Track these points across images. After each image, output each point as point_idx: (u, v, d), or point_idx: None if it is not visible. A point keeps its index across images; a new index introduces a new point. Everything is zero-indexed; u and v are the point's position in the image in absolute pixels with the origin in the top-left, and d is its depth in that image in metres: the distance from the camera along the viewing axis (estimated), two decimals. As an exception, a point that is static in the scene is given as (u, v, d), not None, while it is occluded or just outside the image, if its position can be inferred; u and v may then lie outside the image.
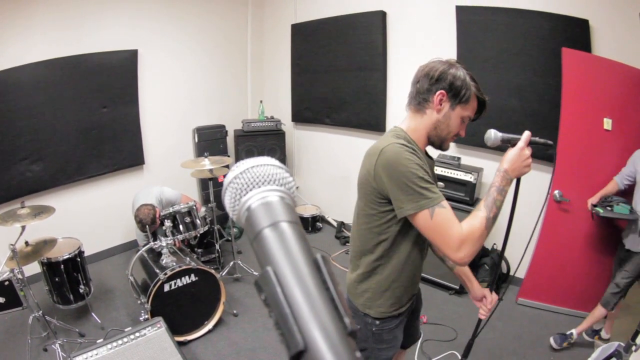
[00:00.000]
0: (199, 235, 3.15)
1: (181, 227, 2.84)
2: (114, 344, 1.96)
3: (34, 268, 2.60)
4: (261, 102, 4.44)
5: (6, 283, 2.15)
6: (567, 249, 2.77)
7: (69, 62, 3.15)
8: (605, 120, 2.54)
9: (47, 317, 2.32)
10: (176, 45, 3.91)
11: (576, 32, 2.58)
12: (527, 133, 1.15)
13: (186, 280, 2.48)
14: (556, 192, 2.70)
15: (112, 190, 3.67)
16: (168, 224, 2.68)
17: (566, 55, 2.55)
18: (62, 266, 2.51)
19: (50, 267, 2.51)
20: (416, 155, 1.10)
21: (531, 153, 1.15)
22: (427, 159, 1.24)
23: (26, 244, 2.35)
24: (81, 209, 3.46)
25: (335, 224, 4.39)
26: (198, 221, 2.93)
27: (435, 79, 1.14)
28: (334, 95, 4.03)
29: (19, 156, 3.01)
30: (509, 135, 1.19)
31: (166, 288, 2.40)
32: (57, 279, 2.53)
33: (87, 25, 3.24)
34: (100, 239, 3.64)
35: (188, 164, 2.98)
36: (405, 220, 1.14)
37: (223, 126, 4.30)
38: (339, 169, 4.26)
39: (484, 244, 3.50)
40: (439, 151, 1.30)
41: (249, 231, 0.39)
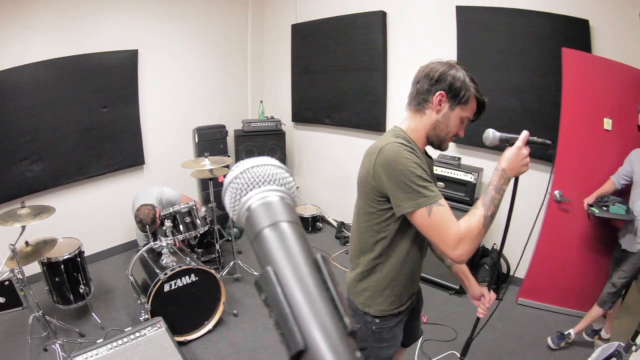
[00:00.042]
0: (199, 235, 3.15)
1: (181, 227, 2.84)
2: (114, 344, 1.96)
3: (34, 268, 2.60)
4: (261, 102, 4.44)
5: (6, 283, 2.15)
6: (567, 249, 2.77)
7: (69, 62, 3.15)
8: (605, 120, 2.54)
9: (47, 317, 2.32)
10: (176, 45, 3.91)
11: (576, 32, 2.58)
12: (525, 132, 1.16)
13: (186, 280, 2.49)
14: (556, 192, 2.69)
15: (112, 190, 3.67)
16: (168, 224, 2.68)
17: (566, 55, 2.55)
18: (62, 266, 2.51)
19: (51, 267, 2.51)
20: (415, 154, 1.11)
21: (529, 152, 1.15)
22: (426, 159, 1.24)
23: (26, 244, 2.35)
24: (81, 209, 3.46)
25: (335, 224, 4.39)
26: (198, 221, 2.93)
27: (435, 80, 1.15)
28: (334, 95, 4.03)
29: (19, 156, 3.01)
30: (507, 135, 1.20)
31: (166, 288, 2.40)
32: (57, 279, 2.53)
33: (87, 25, 3.24)
34: (100, 239, 3.64)
35: (188, 164, 2.98)
36: (404, 219, 1.14)
37: (223, 126, 4.30)
38: (339, 169, 4.26)
39: (485, 244, 3.50)
40: (439, 151, 1.30)
41: (249, 231, 0.39)
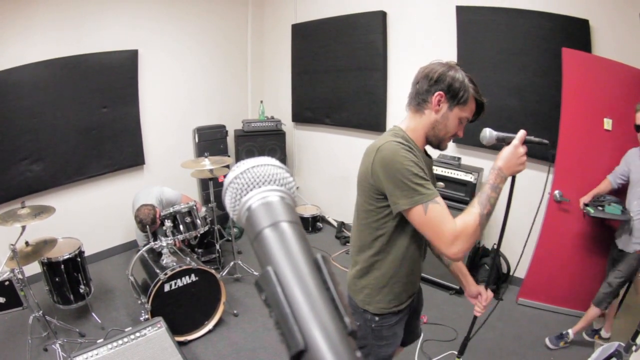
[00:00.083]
0: (199, 235, 3.15)
1: (181, 227, 2.84)
2: (114, 344, 1.96)
3: (34, 268, 2.60)
4: (261, 102, 4.44)
5: (6, 283, 2.15)
6: (567, 249, 2.77)
7: (69, 62, 3.15)
8: (605, 120, 2.54)
9: (47, 317, 2.32)
10: (176, 45, 3.91)
11: (576, 32, 2.58)
12: (522, 132, 1.17)
13: (186, 280, 2.49)
14: (556, 192, 2.69)
15: (112, 190, 3.67)
16: (168, 224, 2.68)
17: (566, 55, 2.55)
18: (62, 266, 2.51)
19: (51, 267, 2.51)
20: (412, 153, 1.12)
21: (526, 151, 1.16)
22: (425, 158, 1.26)
23: (26, 244, 2.35)
24: (81, 209, 3.46)
25: (335, 224, 4.39)
26: (198, 221, 2.93)
27: (434, 81, 1.16)
28: (334, 95, 4.03)
29: (19, 156, 3.01)
30: (503, 134, 1.21)
31: (166, 288, 2.41)
32: (57, 279, 2.53)
33: (87, 25, 3.24)
34: (101, 239, 3.64)
35: (188, 164, 2.98)
36: (402, 216, 1.16)
37: (223, 126, 4.30)
38: (339, 169, 4.26)
39: (485, 244, 3.50)
40: (438, 151, 1.31)
41: (250, 231, 0.39)
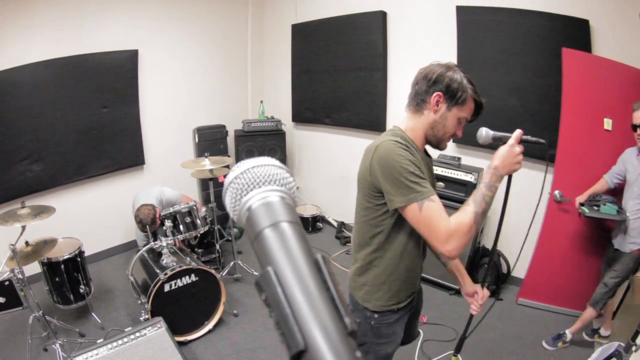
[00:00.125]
0: (199, 235, 3.15)
1: (181, 227, 2.84)
2: (114, 344, 1.96)
3: (34, 268, 2.60)
4: (261, 102, 4.44)
5: (6, 283, 2.15)
6: (567, 249, 2.77)
7: (69, 62, 3.15)
8: (605, 120, 2.54)
9: (47, 317, 2.32)
10: (176, 45, 3.91)
11: (576, 32, 2.58)
12: (518, 131, 1.18)
13: (186, 280, 2.49)
14: (556, 192, 2.69)
15: (112, 190, 3.67)
16: (168, 224, 2.68)
17: (566, 55, 2.55)
18: (62, 266, 2.51)
19: (51, 267, 2.51)
20: (409, 152, 1.14)
21: (522, 151, 1.17)
22: (425, 158, 1.28)
23: (26, 244, 2.35)
24: (81, 209, 3.46)
25: (335, 224, 4.39)
26: (198, 221, 2.93)
27: (433, 82, 1.18)
28: (334, 95, 4.03)
29: (19, 156, 3.01)
30: (499, 134, 1.23)
31: (166, 288, 2.41)
32: (57, 279, 2.53)
33: (87, 25, 3.24)
34: (101, 239, 3.64)
35: (188, 164, 2.98)
36: (400, 214, 1.18)
37: (223, 126, 4.30)
38: (339, 169, 4.26)
39: (485, 244, 3.49)
40: (438, 151, 1.33)
41: (250, 231, 0.39)
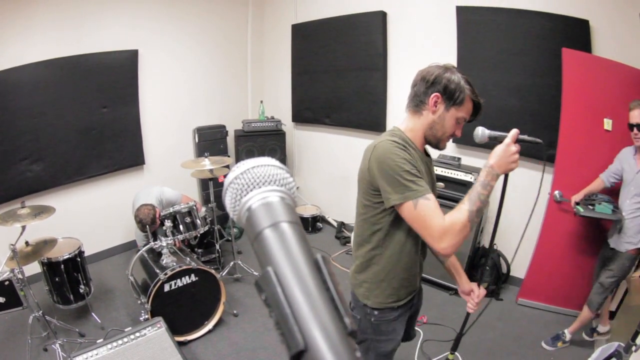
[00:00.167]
0: (199, 235, 3.15)
1: (181, 227, 2.84)
2: (114, 344, 1.96)
3: (34, 268, 2.60)
4: (261, 102, 4.44)
5: (6, 283, 2.15)
6: (567, 250, 2.77)
7: (69, 62, 3.15)
8: (605, 120, 2.53)
9: (47, 317, 2.32)
10: (176, 45, 3.91)
11: (576, 32, 2.58)
12: (514, 130, 1.18)
13: (186, 280, 2.49)
14: (556, 192, 2.69)
15: (112, 190, 3.67)
16: (168, 224, 2.68)
17: (566, 55, 2.55)
18: (62, 266, 2.51)
19: (51, 267, 2.51)
20: (406, 152, 1.17)
21: (518, 150, 1.17)
22: (424, 157, 1.30)
23: (26, 244, 2.35)
24: (81, 209, 3.46)
25: (335, 224, 4.39)
26: (198, 221, 2.93)
27: (431, 83, 1.21)
28: (334, 96, 4.02)
29: (19, 156, 3.01)
30: (496, 133, 1.24)
31: (166, 288, 2.41)
32: (57, 279, 2.53)
33: (87, 25, 3.24)
34: (100, 239, 3.64)
35: (188, 164, 2.98)
36: (397, 212, 1.19)
37: (223, 126, 4.30)
38: (339, 169, 4.26)
39: (485, 244, 3.48)
40: (438, 151, 1.34)
41: (250, 231, 0.39)
